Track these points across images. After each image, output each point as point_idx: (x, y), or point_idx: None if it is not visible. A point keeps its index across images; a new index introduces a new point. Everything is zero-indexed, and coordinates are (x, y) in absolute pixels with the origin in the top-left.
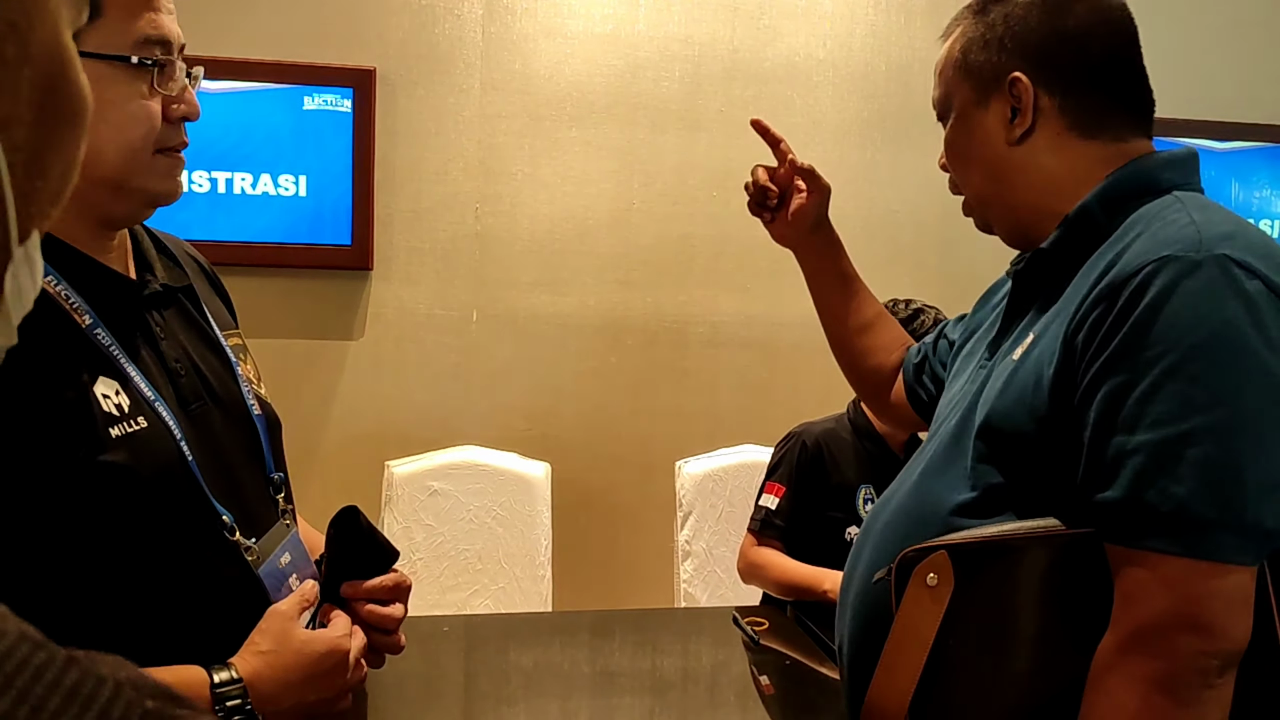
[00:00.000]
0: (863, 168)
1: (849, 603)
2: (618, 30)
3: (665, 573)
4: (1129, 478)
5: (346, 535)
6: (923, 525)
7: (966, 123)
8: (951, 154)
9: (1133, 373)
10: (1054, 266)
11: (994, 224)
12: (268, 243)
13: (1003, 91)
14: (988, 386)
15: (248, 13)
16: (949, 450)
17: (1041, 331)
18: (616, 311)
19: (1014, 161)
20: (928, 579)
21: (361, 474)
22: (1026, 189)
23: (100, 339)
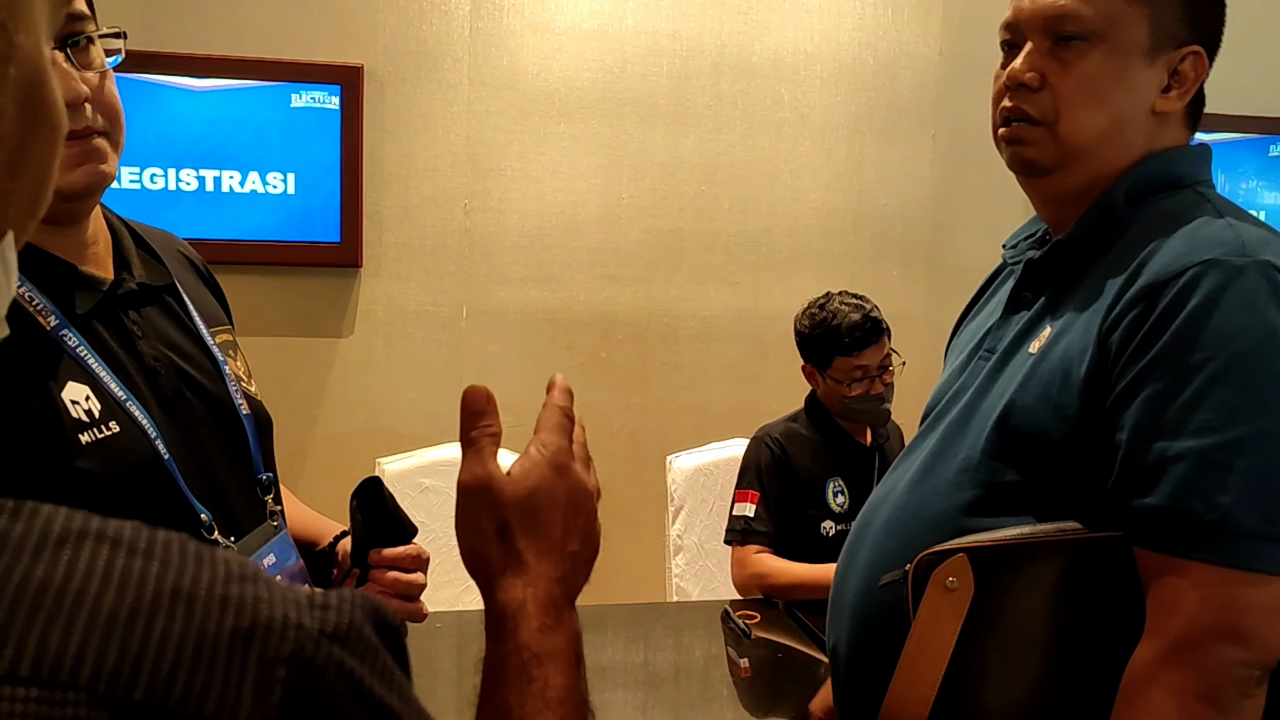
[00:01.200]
0: (851, 161)
1: (846, 602)
2: (605, 26)
3: (657, 567)
4: (1172, 485)
5: (371, 506)
6: (930, 525)
7: (1124, 63)
8: (1081, 84)
9: (1177, 378)
10: (1070, 256)
11: (1061, 176)
12: (256, 241)
13: (1173, 57)
14: (1000, 379)
15: (234, 10)
16: (950, 443)
17: (1064, 326)
18: (606, 306)
19: (1141, 130)
20: (947, 582)
21: (352, 471)
22: (1118, 158)
23: (67, 340)
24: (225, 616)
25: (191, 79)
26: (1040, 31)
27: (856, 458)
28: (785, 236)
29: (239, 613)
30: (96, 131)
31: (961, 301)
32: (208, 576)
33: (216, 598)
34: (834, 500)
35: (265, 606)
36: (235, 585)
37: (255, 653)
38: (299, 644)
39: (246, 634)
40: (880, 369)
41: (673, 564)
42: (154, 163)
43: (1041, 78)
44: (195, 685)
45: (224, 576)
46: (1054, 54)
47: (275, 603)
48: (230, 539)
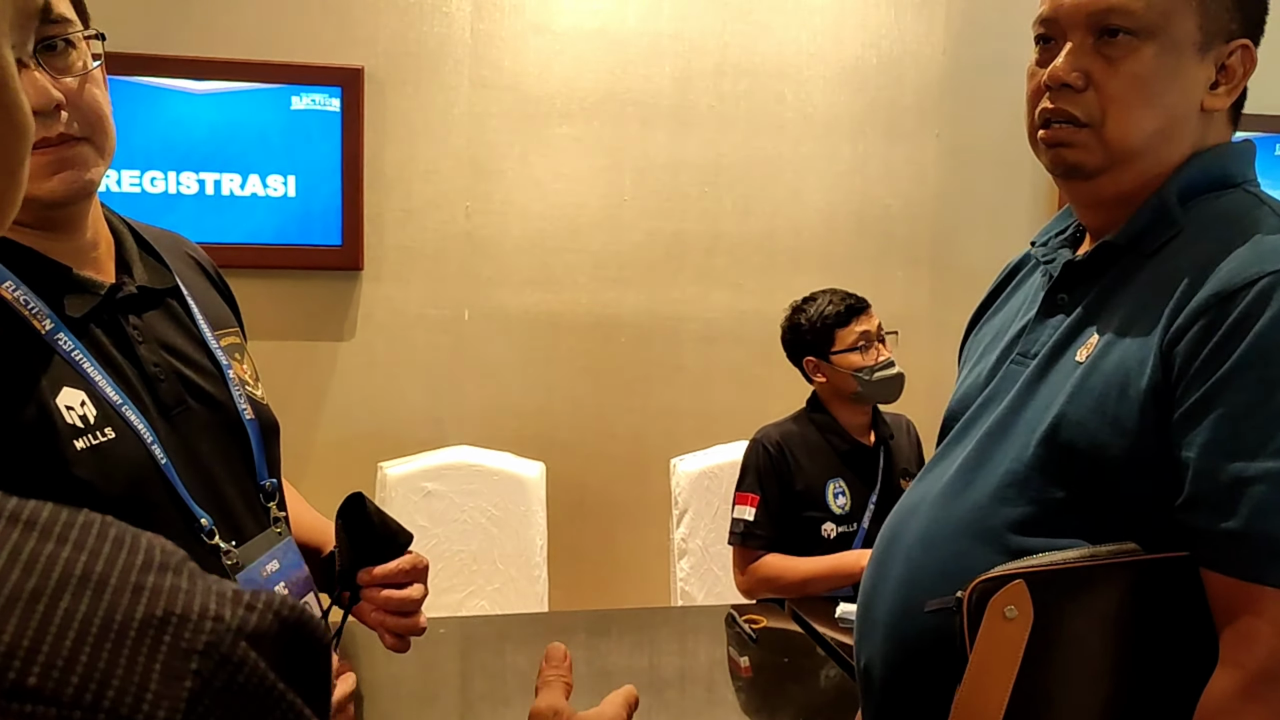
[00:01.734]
0: (854, 161)
1: (879, 622)
2: (607, 26)
3: (661, 571)
4: (1250, 508)
5: (355, 523)
6: (972, 541)
7: (1176, 60)
8: (1131, 83)
9: (1253, 394)
10: (1115, 258)
11: (1107, 179)
12: (257, 244)
13: (1221, 52)
14: (1043, 388)
15: (234, 12)
16: (989, 454)
17: (1116, 334)
18: (609, 309)
19: (1190, 129)
20: (1005, 611)
21: (354, 476)
22: (1168, 158)
23: (61, 345)
24: (137, 603)
25: (191, 81)
26: (1083, 27)
27: (859, 458)
28: (788, 237)
29: (152, 600)
30: (73, 138)
31: (966, 301)
32: (124, 562)
33: (130, 584)
34: (834, 502)
35: (183, 596)
36: (153, 574)
37: (167, 641)
38: (216, 636)
39: (160, 622)
40: (879, 337)
41: (677, 568)
42: (154, 166)
43: (1086, 77)
44: (95, 671)
45: (142, 564)
46: (1098, 51)
47: (195, 594)
48: (232, 544)
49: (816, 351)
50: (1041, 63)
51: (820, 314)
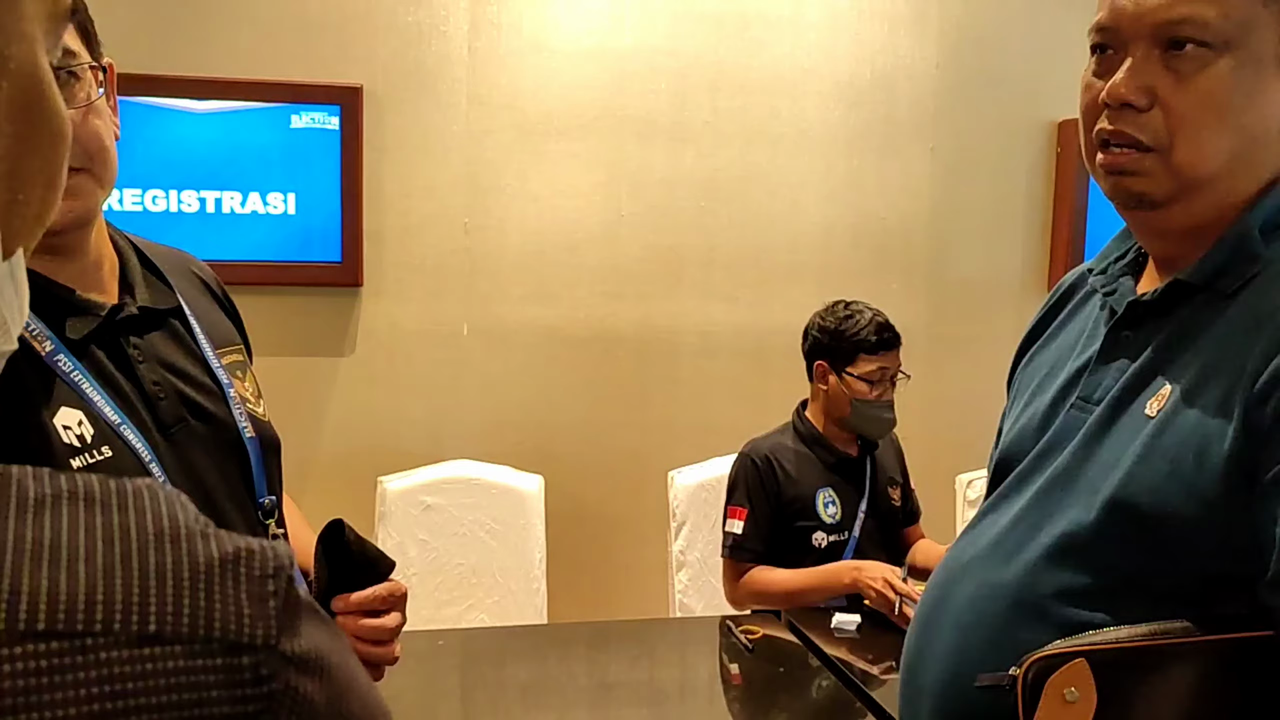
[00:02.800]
0: (850, 176)
1: (925, 689)
2: (603, 44)
3: (660, 583)
4: None
5: (333, 549)
6: (1025, 611)
7: (1255, 75)
8: (1204, 102)
9: None
10: (1187, 296)
11: (1178, 210)
12: (257, 261)
13: None
14: (1109, 441)
15: (234, 32)
16: (1046, 510)
17: (1192, 387)
18: (607, 323)
19: (1270, 152)
20: (1066, 694)
21: (354, 490)
22: (1244, 187)
23: (61, 365)
24: (209, 547)
25: (192, 101)
26: (1148, 38)
27: (846, 468)
28: (785, 251)
29: (220, 542)
30: (72, 169)
31: (961, 314)
32: (181, 517)
33: (197, 533)
34: (825, 511)
35: (237, 537)
36: (201, 524)
37: (244, 572)
38: (278, 561)
39: (232, 558)
40: (892, 377)
41: (676, 579)
42: (155, 184)
43: (1151, 95)
44: (200, 608)
45: (194, 516)
46: (1165, 64)
47: (239, 535)
48: None
49: (833, 361)
50: (1099, 74)
51: (857, 331)
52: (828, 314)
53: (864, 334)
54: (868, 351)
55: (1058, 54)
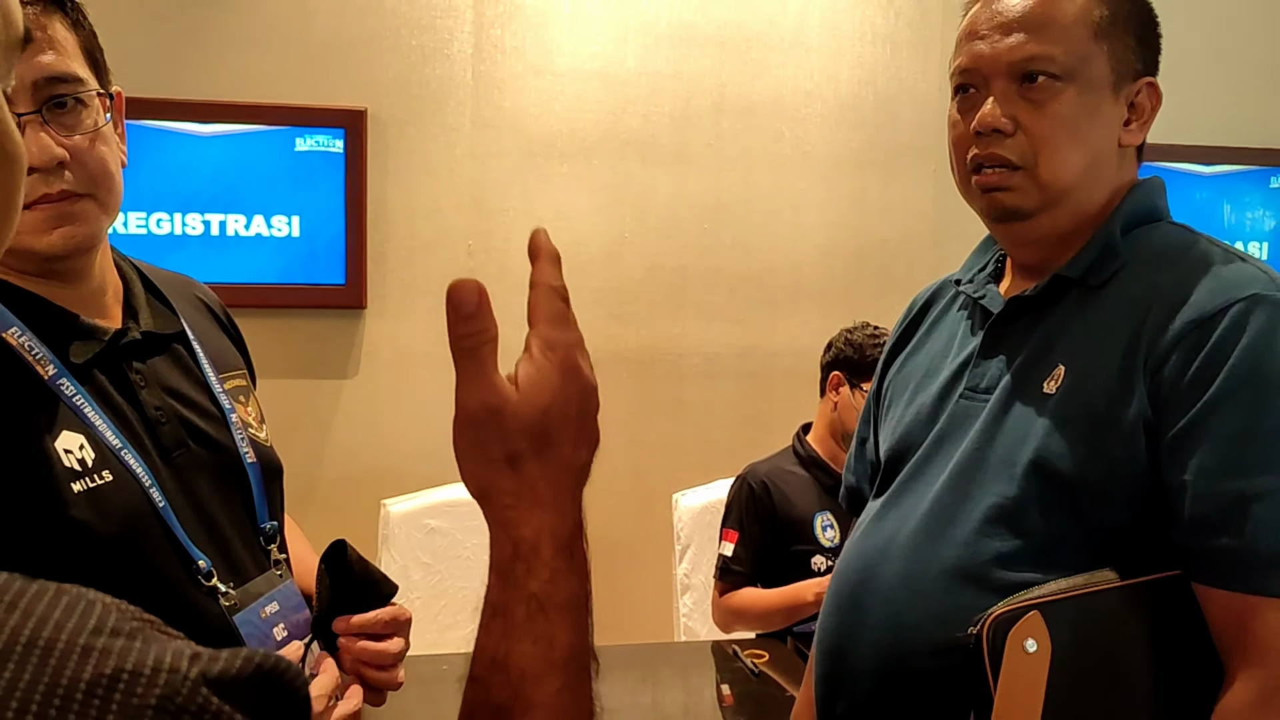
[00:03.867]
0: (853, 198)
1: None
2: (606, 67)
3: (664, 607)
4: (1251, 524)
5: (336, 570)
6: (964, 581)
7: (1096, 100)
8: (1058, 124)
9: (1243, 414)
10: (1067, 291)
11: (1045, 219)
12: (261, 284)
13: (1130, 90)
14: (1011, 422)
15: (238, 55)
16: (965, 492)
17: (1086, 365)
18: (611, 345)
19: (1110, 164)
20: (1025, 645)
21: (357, 513)
22: (1095, 194)
23: (64, 389)
24: (85, 665)
25: (197, 124)
26: (1005, 75)
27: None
28: (788, 273)
29: (101, 660)
30: (76, 194)
31: None
32: (73, 626)
33: (78, 646)
34: (824, 535)
35: (135, 654)
36: (104, 636)
37: (117, 700)
38: (171, 688)
39: (109, 681)
40: None
41: (680, 603)
42: (160, 207)
43: (1014, 121)
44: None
45: (93, 628)
46: (1023, 96)
47: (150, 650)
48: (230, 585)
49: (851, 374)
50: (964, 110)
51: (876, 349)
52: (856, 330)
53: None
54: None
55: None
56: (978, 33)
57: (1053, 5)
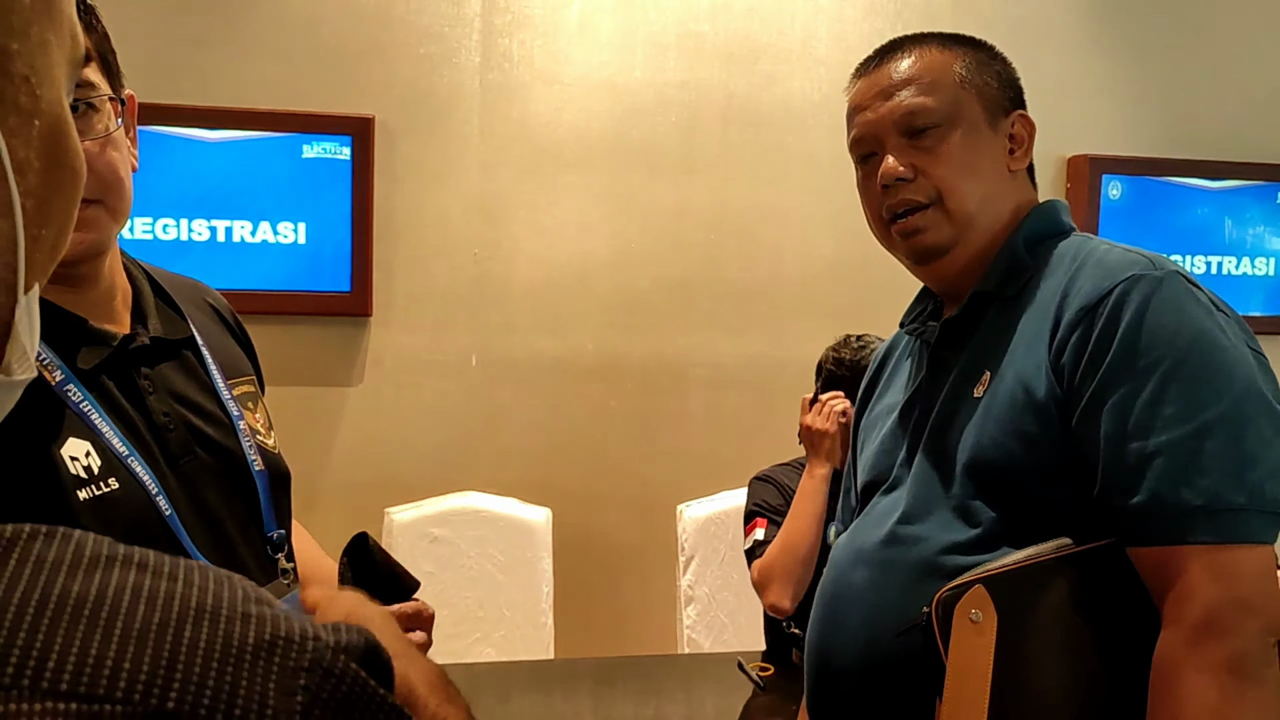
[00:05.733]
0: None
1: (843, 670)
2: (614, 77)
3: (668, 618)
4: (1155, 480)
5: (358, 563)
6: (924, 570)
7: (978, 138)
8: (953, 164)
9: (1135, 382)
10: (984, 310)
11: (960, 250)
12: (267, 290)
13: (1006, 123)
14: (953, 428)
15: (246, 61)
16: (921, 497)
17: (1006, 364)
18: (616, 354)
19: (1005, 189)
20: (971, 615)
21: (361, 522)
22: (999, 217)
23: (71, 396)
24: (247, 630)
25: (204, 130)
26: (894, 132)
27: None
28: (794, 284)
29: (259, 627)
30: (87, 200)
31: None
32: (228, 596)
33: (238, 614)
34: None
35: (284, 622)
36: (254, 605)
37: (277, 661)
38: (318, 654)
39: (269, 645)
40: None
41: (684, 615)
42: (166, 213)
43: (913, 168)
44: (223, 692)
45: (243, 597)
46: (915, 146)
47: (294, 621)
48: None
49: (848, 390)
50: (868, 176)
51: (865, 362)
52: (840, 347)
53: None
54: None
55: (1066, 90)
56: (862, 105)
57: (919, 68)
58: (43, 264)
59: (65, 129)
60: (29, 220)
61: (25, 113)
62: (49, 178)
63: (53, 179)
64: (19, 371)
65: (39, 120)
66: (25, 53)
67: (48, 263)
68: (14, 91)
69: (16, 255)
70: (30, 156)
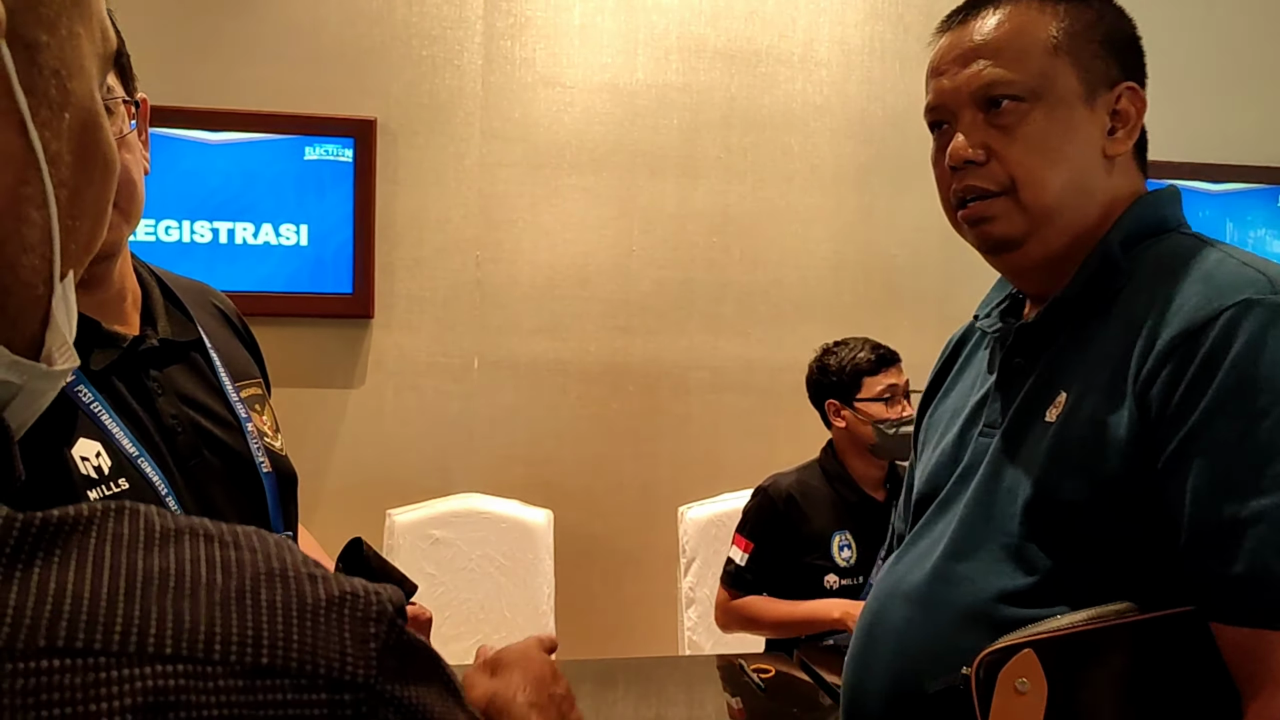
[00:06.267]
0: (860, 212)
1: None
2: (616, 79)
3: (669, 620)
4: (1255, 548)
5: (353, 568)
6: (964, 617)
7: (1068, 114)
8: (1030, 145)
9: (1239, 428)
10: (1066, 315)
11: (1035, 244)
12: (269, 292)
13: (1109, 98)
14: (1019, 454)
15: (249, 64)
16: (973, 528)
17: (1084, 389)
18: (617, 357)
19: (1098, 177)
20: (1017, 685)
21: (362, 523)
22: (1088, 211)
23: (81, 397)
24: (317, 588)
25: (206, 132)
26: (969, 105)
27: (867, 512)
28: (796, 287)
29: (326, 584)
30: None
31: None
32: (291, 559)
33: (304, 575)
34: (839, 554)
35: (344, 582)
36: (311, 566)
37: (348, 614)
38: (381, 607)
39: (339, 600)
40: (904, 393)
41: (685, 617)
42: (169, 215)
43: (986, 149)
44: (307, 644)
45: (302, 559)
46: (990, 123)
47: (351, 580)
48: None
49: (841, 396)
50: (940, 148)
51: (852, 359)
52: (821, 355)
53: (860, 357)
54: (869, 374)
55: None
56: (939, 69)
57: (1007, 30)
58: (77, 255)
59: (97, 122)
60: (63, 211)
61: (56, 105)
62: (81, 170)
63: (85, 171)
64: (60, 361)
65: (69, 113)
66: (55, 45)
67: (83, 254)
68: (44, 84)
69: (52, 246)
70: (62, 149)
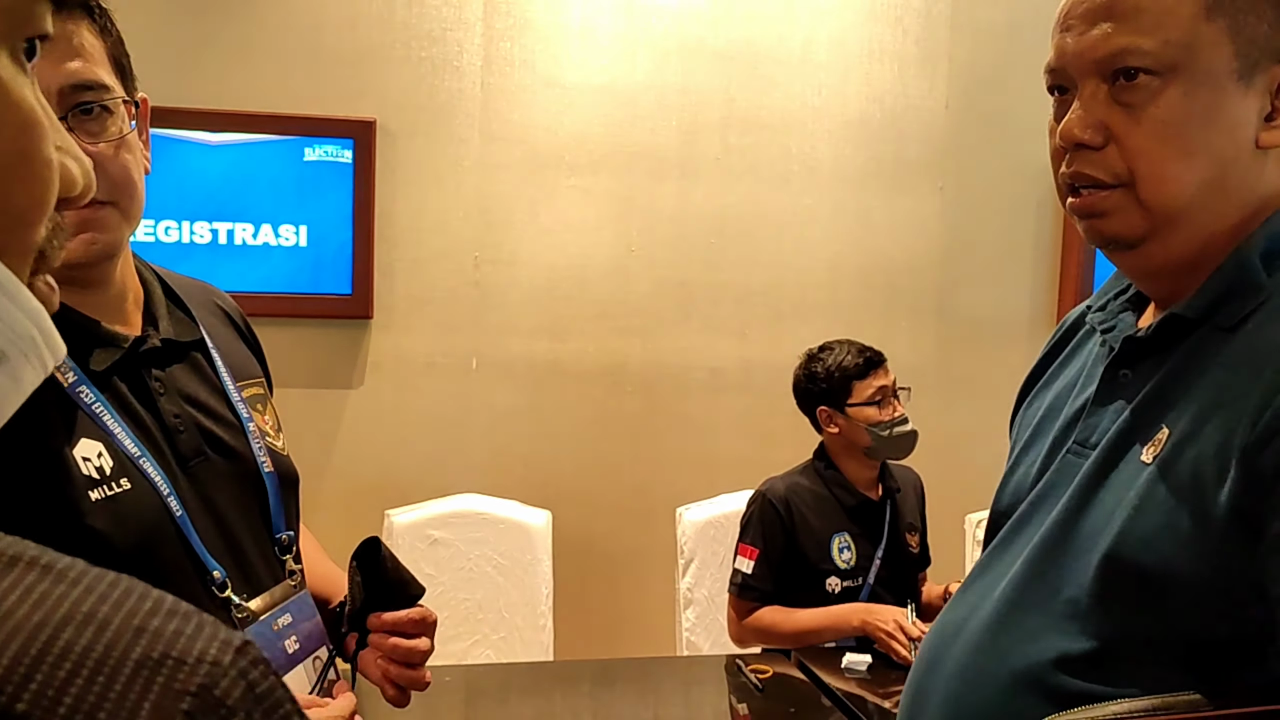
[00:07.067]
0: (859, 214)
1: None
2: (615, 81)
3: (667, 621)
4: None
5: (370, 567)
6: (1016, 680)
7: (1212, 95)
8: (1159, 132)
9: None
10: (1186, 330)
11: (1157, 246)
12: (268, 293)
13: (1272, 77)
14: (1105, 491)
15: (249, 65)
16: (1043, 569)
17: (1189, 430)
18: (616, 358)
19: (1244, 173)
20: None
21: (361, 523)
22: (1226, 213)
23: (83, 397)
24: (136, 643)
25: (206, 133)
26: (1094, 74)
27: (864, 512)
28: (794, 288)
29: (152, 642)
30: (99, 201)
31: (971, 353)
32: (129, 607)
33: (132, 626)
34: (839, 556)
35: (184, 640)
36: (159, 619)
37: (160, 681)
38: (211, 679)
39: (155, 663)
40: (894, 393)
41: (683, 617)
42: (168, 215)
43: (1104, 131)
44: (84, 703)
45: (149, 610)
46: (1115, 98)
47: (197, 638)
48: (244, 596)
49: (831, 402)
50: (1058, 117)
51: (838, 364)
52: (807, 362)
53: (847, 362)
54: (858, 377)
55: None
56: (1066, 24)
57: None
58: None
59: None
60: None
61: None
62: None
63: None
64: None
65: None
66: None
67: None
68: None
69: None
70: None
